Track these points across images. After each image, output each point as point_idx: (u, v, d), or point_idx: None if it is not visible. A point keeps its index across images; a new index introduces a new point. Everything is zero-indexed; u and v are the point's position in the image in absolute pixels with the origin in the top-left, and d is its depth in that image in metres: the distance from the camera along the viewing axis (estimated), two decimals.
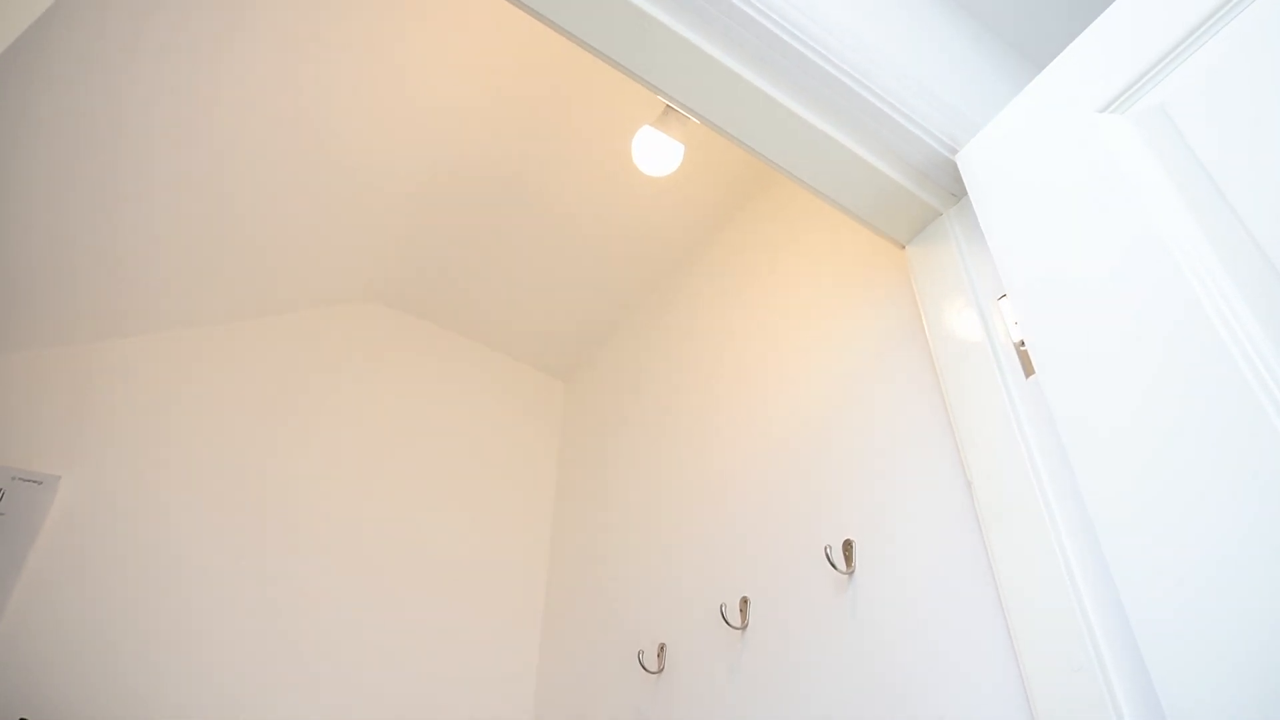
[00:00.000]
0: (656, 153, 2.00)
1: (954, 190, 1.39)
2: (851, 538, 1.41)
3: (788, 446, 1.66)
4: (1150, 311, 0.91)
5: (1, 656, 1.57)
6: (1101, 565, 0.96)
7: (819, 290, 1.77)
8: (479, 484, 2.42)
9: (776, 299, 1.91)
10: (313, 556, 2.02)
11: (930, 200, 1.40)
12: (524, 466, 2.55)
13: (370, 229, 2.30)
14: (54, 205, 1.74)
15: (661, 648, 1.76)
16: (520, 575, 2.33)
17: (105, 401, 1.95)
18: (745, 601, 1.59)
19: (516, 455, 2.56)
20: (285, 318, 2.36)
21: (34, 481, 1.78)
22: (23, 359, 1.91)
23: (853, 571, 1.37)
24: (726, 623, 1.57)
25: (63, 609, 1.67)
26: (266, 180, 1.99)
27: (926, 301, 1.38)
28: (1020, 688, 1.04)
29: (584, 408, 2.66)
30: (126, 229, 1.88)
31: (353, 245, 2.33)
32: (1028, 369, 1.15)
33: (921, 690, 1.18)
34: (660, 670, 1.74)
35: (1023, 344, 1.16)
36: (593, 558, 2.20)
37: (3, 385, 1.86)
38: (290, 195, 2.07)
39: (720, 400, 1.95)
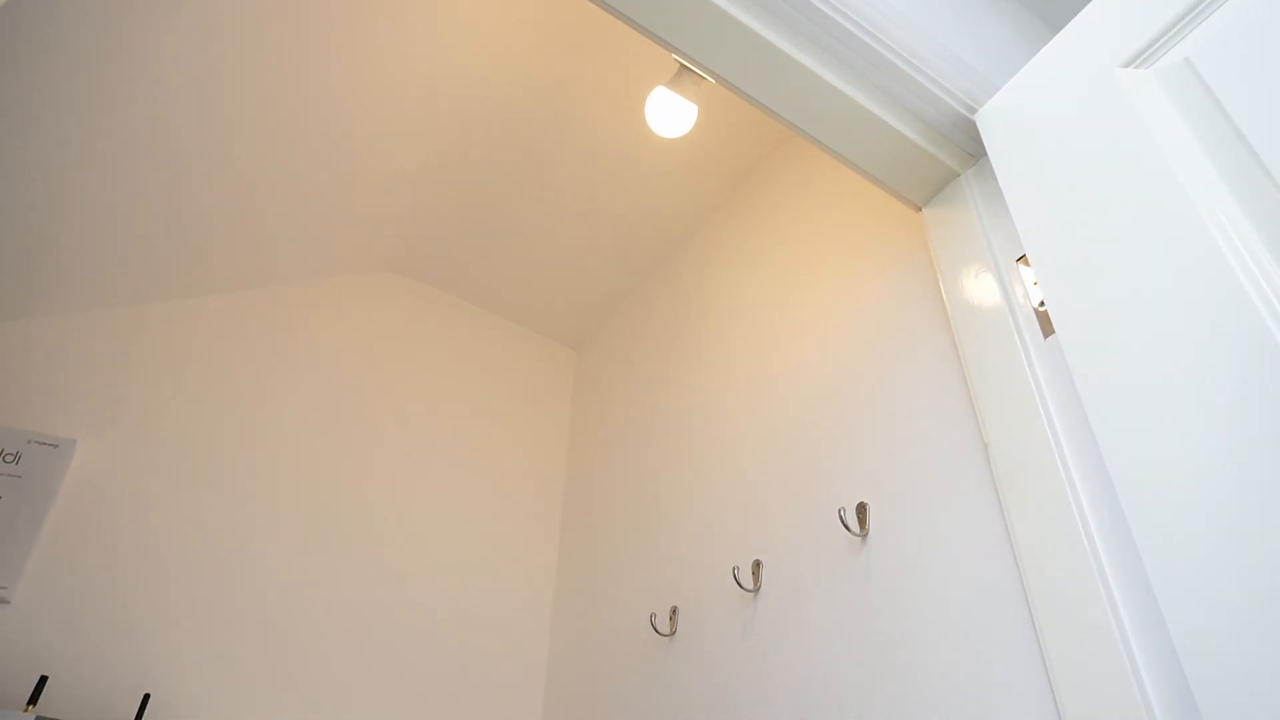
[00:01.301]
0: (670, 114, 1.98)
1: (972, 151, 1.38)
2: (865, 500, 1.41)
3: (802, 410, 1.66)
4: (1173, 266, 0.90)
5: (24, 615, 1.59)
6: (1118, 523, 0.96)
7: (834, 253, 1.76)
8: (491, 451, 2.43)
9: (792, 261, 1.90)
10: (326, 520, 2.03)
11: (948, 161, 1.38)
12: (536, 433, 2.56)
13: (383, 198, 2.29)
14: (70, 176, 1.73)
15: (674, 611, 1.77)
16: (533, 541, 2.34)
17: (120, 367, 1.96)
18: (758, 565, 1.59)
19: (528, 423, 2.57)
20: (298, 286, 2.36)
21: (50, 445, 1.79)
22: (40, 325, 1.92)
23: (866, 534, 1.38)
24: (739, 585, 1.58)
25: (81, 568, 1.69)
26: (279, 150, 1.99)
27: (943, 264, 1.37)
28: (1035, 644, 1.04)
29: (596, 376, 2.66)
30: (139, 198, 1.87)
31: (366, 214, 2.32)
32: (1046, 329, 1.14)
33: (934, 650, 1.19)
34: (672, 633, 1.75)
35: (1041, 304, 1.16)
36: (605, 522, 2.21)
37: (21, 351, 1.87)
38: (303, 165, 2.06)
39: (734, 364, 1.95)
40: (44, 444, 1.79)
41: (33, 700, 1.45)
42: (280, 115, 1.93)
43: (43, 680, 1.47)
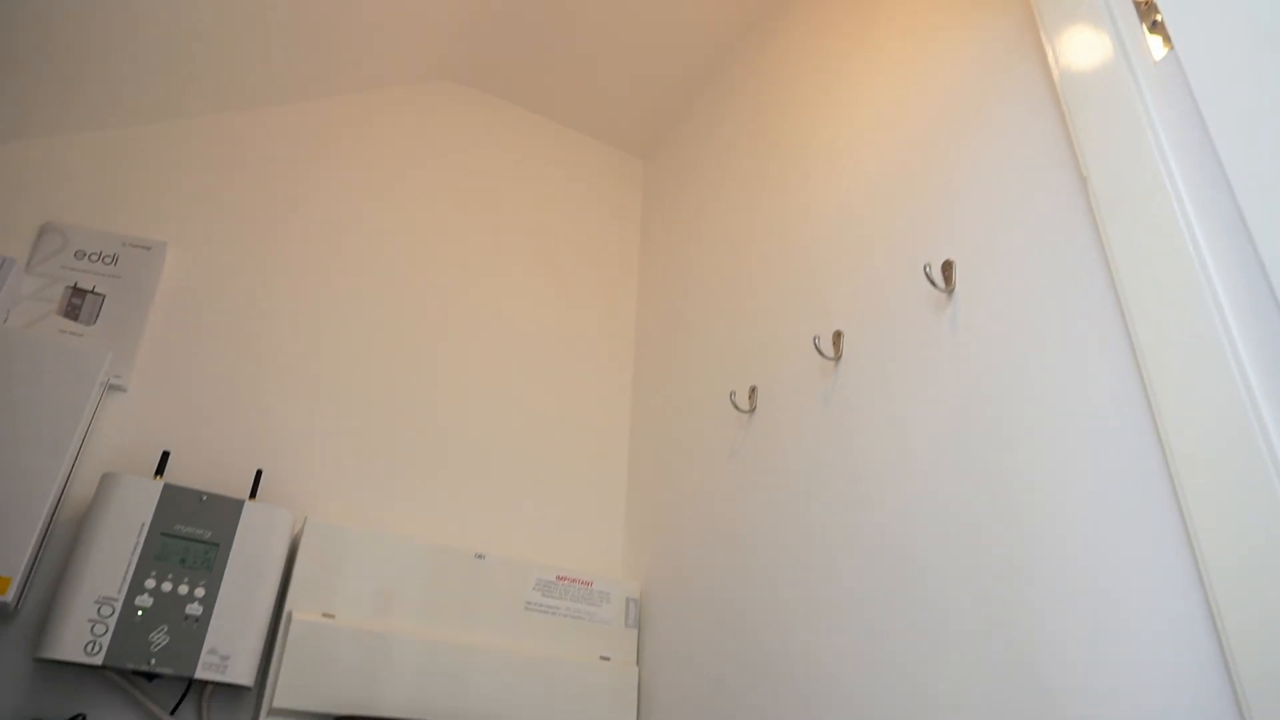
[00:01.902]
0: None
1: None
2: (951, 258, 1.38)
3: (884, 171, 1.61)
4: None
5: (140, 401, 1.70)
6: (1234, 237, 0.92)
7: (921, 12, 1.66)
8: (559, 254, 2.44)
9: (875, 26, 1.80)
10: (403, 322, 2.09)
11: None
12: (605, 235, 2.56)
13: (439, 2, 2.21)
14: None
15: (753, 390, 1.80)
16: (607, 339, 2.39)
17: (199, 173, 1.99)
18: (839, 335, 1.59)
19: (596, 226, 2.56)
20: (363, 96, 2.34)
21: (144, 247, 1.85)
22: (125, 135, 1.96)
23: (952, 289, 1.36)
24: (820, 353, 1.59)
25: (186, 359, 1.78)
26: None
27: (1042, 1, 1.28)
28: (1136, 377, 1.03)
29: (666, 175, 2.62)
30: (196, 8, 1.84)
31: (423, 21, 2.25)
32: (1156, 51, 1.07)
33: (1023, 391, 1.18)
34: (752, 409, 1.79)
35: (1155, 23, 1.08)
36: (681, 314, 2.23)
37: (114, 159, 1.92)
38: None
39: (812, 135, 1.89)
40: (137, 246, 1.85)
41: (159, 471, 1.57)
42: None
43: (165, 455, 1.58)
